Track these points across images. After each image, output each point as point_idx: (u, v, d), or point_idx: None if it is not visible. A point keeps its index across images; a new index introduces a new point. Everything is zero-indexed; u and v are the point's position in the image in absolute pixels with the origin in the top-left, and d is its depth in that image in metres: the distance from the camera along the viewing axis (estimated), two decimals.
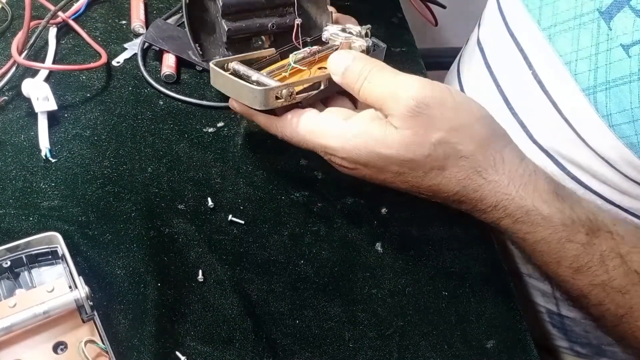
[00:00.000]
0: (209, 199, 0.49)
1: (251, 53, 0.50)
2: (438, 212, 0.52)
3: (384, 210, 0.52)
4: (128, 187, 0.49)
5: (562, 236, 0.44)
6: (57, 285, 0.39)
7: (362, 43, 0.50)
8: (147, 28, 0.62)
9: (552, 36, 0.51)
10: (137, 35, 0.62)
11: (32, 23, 0.56)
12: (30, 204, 0.46)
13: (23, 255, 0.41)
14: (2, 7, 0.61)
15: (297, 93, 0.45)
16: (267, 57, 0.51)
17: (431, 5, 0.73)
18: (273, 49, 0.52)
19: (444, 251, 0.50)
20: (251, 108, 0.46)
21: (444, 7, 0.75)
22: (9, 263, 0.40)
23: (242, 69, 0.47)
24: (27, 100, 0.52)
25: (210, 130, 0.55)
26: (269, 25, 0.55)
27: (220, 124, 0.55)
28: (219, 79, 0.46)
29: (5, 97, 0.53)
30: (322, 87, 0.47)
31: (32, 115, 0.51)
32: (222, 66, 0.47)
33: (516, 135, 0.49)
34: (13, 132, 0.51)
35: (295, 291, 0.46)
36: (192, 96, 0.57)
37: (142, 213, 0.47)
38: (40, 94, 0.51)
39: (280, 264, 0.47)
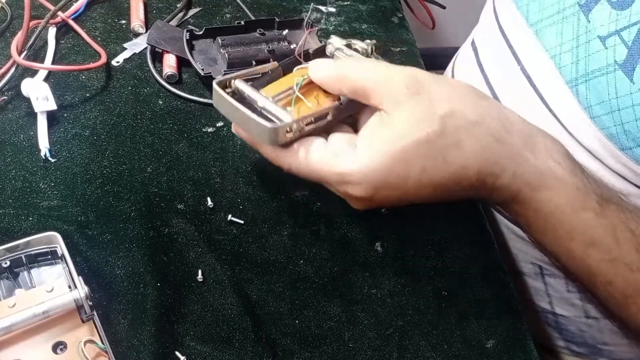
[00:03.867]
0: (209, 198, 0.49)
1: (254, 69, 0.48)
2: (438, 212, 0.52)
3: (384, 210, 0.52)
4: (127, 186, 0.49)
5: (576, 203, 0.42)
6: (56, 285, 0.39)
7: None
8: (146, 28, 0.62)
9: (539, 31, 0.51)
10: (136, 35, 0.62)
11: (32, 23, 0.56)
12: (29, 204, 0.46)
13: (22, 255, 0.41)
14: (2, 7, 0.61)
15: (306, 124, 0.43)
16: (270, 72, 0.49)
17: (431, 5, 0.73)
18: (276, 62, 0.51)
19: (444, 251, 0.50)
20: None
21: (443, 7, 0.75)
22: (8, 263, 0.40)
23: (247, 90, 0.45)
24: (27, 100, 0.52)
25: (210, 130, 0.55)
26: (265, 50, 0.60)
27: (219, 124, 0.55)
28: (224, 104, 0.44)
29: (5, 97, 0.53)
30: (329, 118, 0.45)
31: (32, 115, 0.51)
32: (225, 85, 0.45)
33: None
34: (12, 131, 0.51)
35: (295, 291, 0.46)
36: (195, 95, 0.57)
37: (141, 213, 0.47)
38: (39, 94, 0.51)
39: (280, 263, 0.47)
